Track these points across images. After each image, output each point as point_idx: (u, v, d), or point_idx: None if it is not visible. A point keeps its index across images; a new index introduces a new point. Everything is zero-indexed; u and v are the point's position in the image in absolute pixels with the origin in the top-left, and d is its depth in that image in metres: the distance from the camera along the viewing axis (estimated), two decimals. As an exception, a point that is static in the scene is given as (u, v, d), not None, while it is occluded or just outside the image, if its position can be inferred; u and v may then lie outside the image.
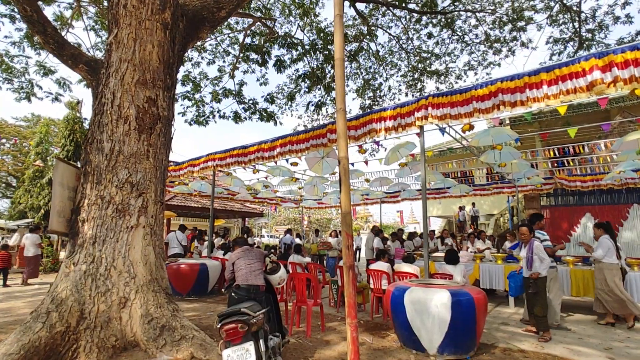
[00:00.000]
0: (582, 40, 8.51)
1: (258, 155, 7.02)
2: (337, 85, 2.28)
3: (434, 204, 18.72)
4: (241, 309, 2.62)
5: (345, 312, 2.24)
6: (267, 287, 3.72)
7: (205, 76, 9.83)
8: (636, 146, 6.45)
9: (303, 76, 9.54)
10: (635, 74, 3.53)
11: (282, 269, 3.75)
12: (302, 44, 8.98)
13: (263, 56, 8.62)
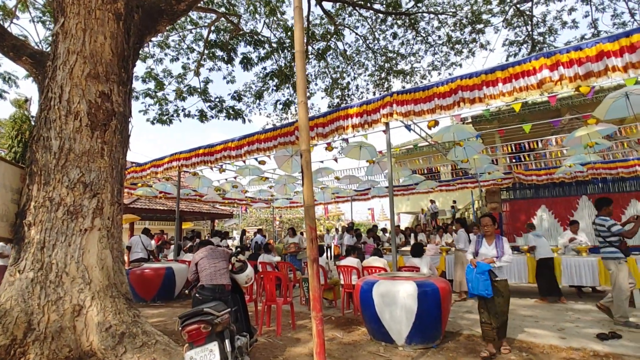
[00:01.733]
0: (535, 43, 9.06)
1: (225, 154, 6.86)
2: (298, 77, 2.26)
3: (402, 201, 19.20)
4: (204, 309, 2.53)
5: (310, 305, 2.22)
6: (234, 287, 3.64)
7: (169, 73, 9.48)
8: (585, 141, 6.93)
9: (271, 74, 9.44)
10: (579, 72, 3.79)
11: (249, 268, 3.68)
12: (270, 42, 8.89)
13: (229, 53, 8.43)
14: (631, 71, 3.52)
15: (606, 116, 5.16)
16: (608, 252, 4.82)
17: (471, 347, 4.00)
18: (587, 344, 3.99)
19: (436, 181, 12.13)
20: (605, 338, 4.16)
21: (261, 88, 10.23)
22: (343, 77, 11.47)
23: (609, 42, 3.58)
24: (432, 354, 3.84)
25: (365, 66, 11.59)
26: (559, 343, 4.06)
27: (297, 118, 10.68)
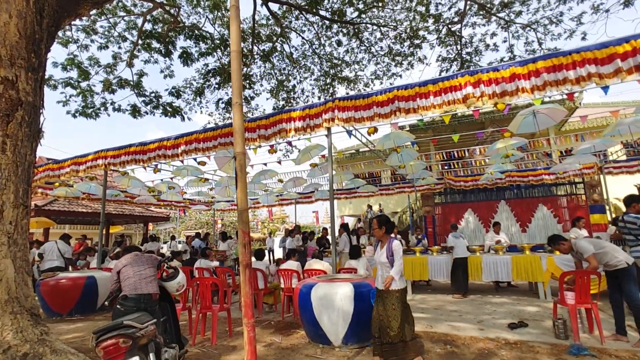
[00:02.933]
0: (463, 61, 9.97)
1: (160, 153, 6.42)
2: (233, 78, 2.20)
3: (345, 204, 19.75)
4: (123, 322, 2.32)
5: (242, 312, 2.16)
6: (163, 295, 3.40)
7: (96, 62, 8.61)
8: (503, 151, 7.74)
9: (213, 72, 9.08)
10: (497, 90, 4.24)
11: (180, 275, 3.47)
12: (212, 38, 8.54)
13: (167, 46, 7.93)
14: (536, 93, 4.03)
15: (518, 130, 5.85)
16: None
17: (402, 344, 4.22)
18: (501, 334, 4.45)
19: (377, 185, 12.67)
20: (514, 327, 4.68)
21: (202, 85, 9.79)
22: (289, 79, 11.48)
23: (520, 66, 4.07)
24: (367, 352, 3.98)
25: (311, 70, 11.74)
26: (477, 334, 4.47)
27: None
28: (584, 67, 3.83)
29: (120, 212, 13.71)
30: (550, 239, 4.64)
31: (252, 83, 10.24)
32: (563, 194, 11.24)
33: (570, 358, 3.56)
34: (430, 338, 4.38)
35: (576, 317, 4.11)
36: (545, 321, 4.94)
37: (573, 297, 4.16)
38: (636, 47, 3.59)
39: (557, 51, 4.31)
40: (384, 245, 3.63)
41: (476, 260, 7.10)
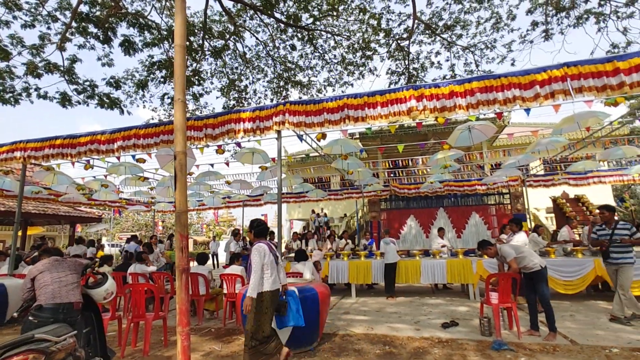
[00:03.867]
0: (410, 75, 10.59)
1: (92, 148, 5.86)
2: (176, 74, 2.09)
3: (294, 207, 19.75)
4: (35, 336, 2.05)
5: (177, 319, 2.04)
6: (87, 304, 3.08)
7: (19, 41, 7.63)
8: (442, 162, 8.31)
9: (158, 64, 8.55)
10: (437, 105, 4.55)
11: (109, 281, 3.17)
12: (159, 28, 8.05)
13: (106, 32, 7.30)
14: (471, 110, 4.40)
15: (455, 143, 6.34)
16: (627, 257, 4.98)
17: (344, 346, 4.30)
18: (435, 333, 4.74)
19: (326, 190, 12.85)
20: (447, 326, 5.01)
21: (146, 77, 9.16)
22: (241, 79, 11.23)
23: (458, 84, 4.42)
24: (308, 357, 3.98)
25: (265, 72, 11.61)
26: (414, 334, 4.71)
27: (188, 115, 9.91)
28: (510, 91, 4.27)
29: (41, 211, 12.23)
30: (480, 244, 5.07)
31: (202, 80, 9.84)
32: (492, 203, 12.38)
33: (492, 353, 3.90)
34: (370, 340, 4.52)
35: (499, 316, 4.53)
36: (473, 320, 5.36)
37: (496, 297, 4.58)
38: (551, 76, 4.10)
39: (490, 74, 4.76)
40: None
41: (415, 264, 7.51)
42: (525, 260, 4.57)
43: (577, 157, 11.73)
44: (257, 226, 3.62)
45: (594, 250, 6.58)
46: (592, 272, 6.44)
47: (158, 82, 9.43)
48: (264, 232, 3.64)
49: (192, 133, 5.52)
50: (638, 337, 4.28)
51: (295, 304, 3.75)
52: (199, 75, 9.44)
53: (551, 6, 8.54)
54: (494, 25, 9.81)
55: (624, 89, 3.95)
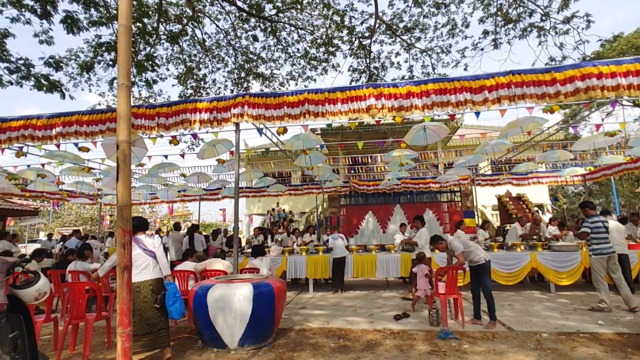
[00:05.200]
0: (371, 74, 10.80)
1: (25, 133, 5.30)
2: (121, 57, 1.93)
3: (254, 202, 19.43)
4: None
5: (117, 320, 1.91)
6: (15, 306, 2.78)
7: (-64, 9, 6.65)
8: (399, 160, 8.59)
9: (107, 46, 7.91)
10: (395, 105, 4.68)
11: (41, 280, 2.89)
12: (107, 6, 7.43)
13: (44, 5, 6.58)
14: (426, 111, 4.58)
15: (411, 142, 6.59)
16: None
17: (300, 341, 4.31)
18: (387, 325, 4.91)
19: (286, 185, 12.77)
20: (399, 318, 5.21)
21: (92, 59, 8.43)
22: (199, 67, 10.75)
23: (415, 85, 4.57)
24: (264, 352, 3.95)
25: (225, 62, 11.21)
26: (368, 327, 4.85)
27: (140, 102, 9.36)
28: (462, 94, 4.51)
29: (-36, 203, 10.89)
30: (432, 239, 5.33)
31: (156, 65, 9.26)
32: (445, 201, 13.07)
33: (439, 342, 4.12)
34: (325, 334, 4.58)
35: (446, 306, 4.80)
36: (424, 311, 5.62)
37: (444, 288, 4.84)
38: (498, 83, 4.39)
39: (445, 77, 4.98)
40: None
41: (371, 259, 7.72)
42: (472, 255, 4.87)
43: (520, 159, 12.72)
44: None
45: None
46: (529, 264, 7.03)
47: (106, 64, 8.73)
48: (138, 227, 3.86)
49: (143, 122, 5.19)
50: (564, 323, 4.75)
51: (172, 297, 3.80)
52: (153, 60, 8.88)
53: (500, 17, 9.14)
54: (450, 31, 10.29)
55: (560, 98, 4.32)
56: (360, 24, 10.82)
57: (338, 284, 7.61)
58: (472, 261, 4.89)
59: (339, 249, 7.57)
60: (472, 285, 5.05)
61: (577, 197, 28.97)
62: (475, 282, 4.97)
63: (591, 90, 4.24)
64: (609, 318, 4.93)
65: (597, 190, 27.44)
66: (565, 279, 6.82)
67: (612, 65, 4.26)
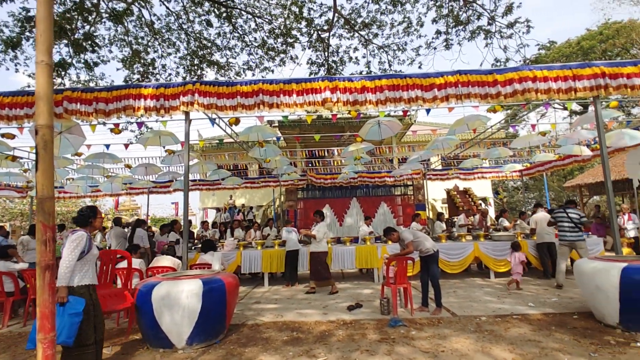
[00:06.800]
0: (329, 68, 10.82)
1: None
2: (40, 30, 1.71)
3: (208, 196, 18.76)
4: None
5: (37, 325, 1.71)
6: None
7: None
8: (355, 154, 8.73)
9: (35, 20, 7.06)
10: (350, 99, 4.71)
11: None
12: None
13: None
14: (380, 106, 4.67)
15: (366, 137, 6.72)
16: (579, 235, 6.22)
17: (252, 336, 4.24)
18: (340, 316, 4.99)
19: (242, 178, 12.46)
20: (352, 309, 5.33)
21: (18, 35, 7.48)
22: (147, 51, 10.02)
23: (369, 80, 4.64)
24: (214, 350, 3.83)
25: (177, 47, 10.58)
26: (321, 318, 4.89)
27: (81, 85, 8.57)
28: (414, 91, 4.65)
29: None
30: (385, 230, 5.49)
31: (97, 46, 8.47)
32: (398, 194, 13.57)
33: (389, 330, 4.27)
34: (278, 327, 4.55)
35: (396, 295, 4.98)
36: (375, 301, 5.79)
37: (394, 278, 5.03)
38: (447, 81, 4.58)
39: (398, 73, 5.11)
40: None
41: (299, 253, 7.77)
42: (421, 245, 5.10)
43: (466, 155, 13.56)
44: (79, 214, 3.35)
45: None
46: (472, 253, 7.54)
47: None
48: (81, 220, 3.32)
49: (79, 107, 4.73)
50: (500, 306, 5.16)
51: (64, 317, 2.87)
52: (93, 40, 8.10)
53: (452, 19, 9.59)
54: (406, 29, 10.60)
55: (500, 98, 4.63)
56: (319, 16, 10.77)
57: (291, 277, 7.60)
58: (422, 251, 5.12)
59: (291, 242, 7.54)
60: (421, 274, 5.30)
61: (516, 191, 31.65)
62: (424, 272, 5.21)
63: (527, 93, 4.60)
64: (538, 300, 5.45)
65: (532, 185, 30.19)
66: (503, 266, 7.42)
67: (545, 70, 4.64)
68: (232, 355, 3.64)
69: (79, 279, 3.09)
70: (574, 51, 21.68)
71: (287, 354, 3.60)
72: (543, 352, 3.37)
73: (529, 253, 7.54)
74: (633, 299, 3.77)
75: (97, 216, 3.41)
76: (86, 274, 3.15)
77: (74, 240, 3.05)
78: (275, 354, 3.62)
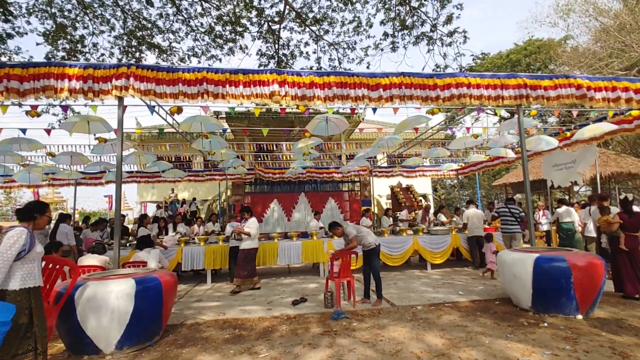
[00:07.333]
0: (280, 60, 10.66)
1: None
2: None
3: (147, 189, 17.52)
4: None
5: None
6: None
7: None
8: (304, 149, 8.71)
9: None
10: (298, 93, 4.68)
11: None
12: None
13: None
14: (328, 102, 4.70)
15: (314, 132, 6.75)
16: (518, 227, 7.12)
17: (191, 336, 4.05)
18: (284, 311, 4.98)
19: (185, 170, 11.82)
20: (297, 303, 5.35)
21: None
22: (75, 26, 8.96)
23: (317, 76, 4.65)
24: (147, 353, 3.59)
25: (112, 24, 9.61)
26: (265, 314, 4.84)
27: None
28: (361, 89, 4.77)
29: None
30: (330, 225, 5.57)
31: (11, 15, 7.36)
32: (346, 190, 13.90)
33: (332, 323, 4.36)
34: (220, 325, 4.41)
35: (339, 289, 5.11)
36: (320, 295, 5.88)
37: (339, 271, 5.14)
38: (392, 82, 4.76)
39: (346, 71, 5.19)
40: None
41: (273, 246, 7.74)
42: (364, 239, 5.27)
43: (409, 154, 14.31)
44: (24, 207, 3.00)
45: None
46: (412, 247, 8.00)
47: None
48: (23, 214, 2.94)
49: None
50: (435, 296, 5.54)
51: None
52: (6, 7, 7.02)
53: (398, 22, 9.99)
54: (356, 28, 10.81)
55: (439, 102, 4.93)
56: (270, 7, 10.53)
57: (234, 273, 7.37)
58: (364, 245, 5.30)
59: None
60: (363, 267, 5.49)
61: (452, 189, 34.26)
62: (367, 265, 5.41)
63: (463, 97, 4.96)
64: (467, 289, 5.96)
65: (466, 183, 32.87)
66: (438, 258, 7.99)
67: (478, 77, 5.05)
68: (168, 357, 3.45)
69: (21, 282, 2.69)
70: (504, 62, 23.97)
71: (227, 352, 3.51)
72: (469, 336, 3.68)
73: (461, 246, 8.21)
74: (543, 284, 4.29)
75: (43, 213, 3.01)
76: (29, 275, 2.76)
77: (10, 237, 2.65)
78: (215, 353, 3.50)
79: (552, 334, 3.67)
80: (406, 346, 3.48)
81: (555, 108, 7.89)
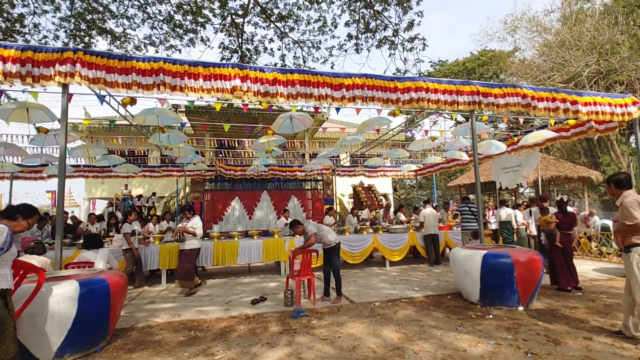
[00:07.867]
0: (243, 55, 10.41)
1: None
2: None
3: (96, 184, 16.34)
4: None
5: None
6: None
7: None
8: (267, 146, 8.59)
9: None
10: (261, 90, 4.59)
11: None
12: None
13: None
14: (291, 100, 4.68)
15: (278, 130, 6.68)
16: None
17: (142, 340, 3.85)
18: (243, 310, 4.89)
19: (140, 166, 11.18)
20: (256, 302, 5.27)
21: None
22: (13, 3, 8.11)
23: (281, 73, 4.60)
24: (92, 359, 3.35)
25: (57, 5, 8.81)
26: (222, 314, 4.72)
27: None
28: (324, 89, 4.79)
29: None
30: (291, 223, 5.55)
31: None
32: (309, 188, 13.91)
33: (291, 321, 4.35)
34: (174, 328, 4.23)
35: (300, 287, 5.11)
36: (281, 294, 5.84)
37: (299, 270, 5.14)
38: (355, 83, 4.84)
39: (310, 70, 5.19)
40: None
41: (233, 245, 7.57)
42: (324, 238, 5.31)
43: (371, 154, 14.64)
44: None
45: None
46: (371, 245, 8.20)
47: None
48: (7, 212, 2.89)
49: None
50: (392, 292, 5.73)
51: None
52: None
53: (363, 25, 10.19)
54: (321, 27, 10.86)
55: (399, 104, 5.09)
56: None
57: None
58: (325, 244, 5.34)
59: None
60: (324, 266, 5.53)
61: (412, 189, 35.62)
62: (327, 263, 5.45)
63: (421, 101, 5.16)
64: (422, 284, 6.22)
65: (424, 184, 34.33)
66: (396, 255, 8.26)
67: (435, 83, 5.28)
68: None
69: None
70: (460, 70, 25.33)
71: (181, 355, 3.37)
72: (422, 330, 3.85)
73: (417, 244, 8.56)
74: (489, 279, 4.60)
75: (29, 215, 2.85)
76: (3, 277, 2.62)
77: None
78: (167, 356, 3.36)
79: (497, 325, 3.94)
80: (363, 341, 3.56)
81: (504, 115, 8.48)
